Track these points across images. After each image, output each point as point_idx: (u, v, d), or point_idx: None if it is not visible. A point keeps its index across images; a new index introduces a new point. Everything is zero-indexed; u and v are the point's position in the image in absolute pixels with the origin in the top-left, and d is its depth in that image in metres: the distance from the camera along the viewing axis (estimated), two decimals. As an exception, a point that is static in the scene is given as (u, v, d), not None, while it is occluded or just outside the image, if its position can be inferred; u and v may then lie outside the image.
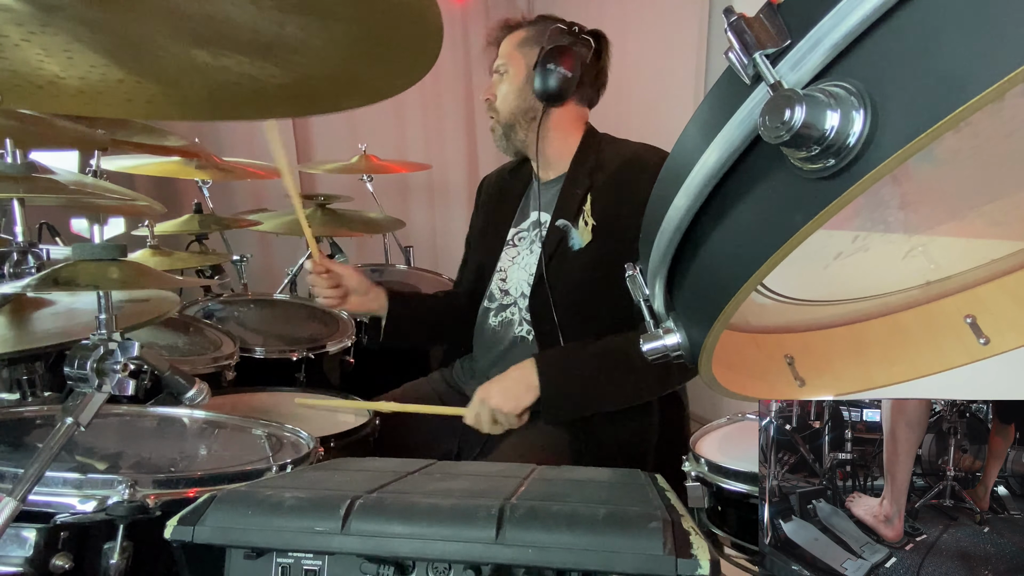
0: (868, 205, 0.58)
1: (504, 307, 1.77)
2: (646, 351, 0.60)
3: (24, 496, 0.80)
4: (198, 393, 1.08)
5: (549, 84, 1.61)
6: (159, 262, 2.02)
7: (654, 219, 0.53)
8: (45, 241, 2.18)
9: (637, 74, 3.32)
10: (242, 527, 0.71)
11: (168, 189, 3.03)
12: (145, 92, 0.70)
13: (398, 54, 0.73)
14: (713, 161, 0.45)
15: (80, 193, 1.31)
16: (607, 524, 0.66)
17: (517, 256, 1.76)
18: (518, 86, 1.68)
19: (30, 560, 0.87)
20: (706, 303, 0.51)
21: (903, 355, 0.75)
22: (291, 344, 2.01)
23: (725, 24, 0.41)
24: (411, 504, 0.71)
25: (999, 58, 0.31)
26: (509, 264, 1.77)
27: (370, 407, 1.67)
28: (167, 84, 0.72)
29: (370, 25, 0.69)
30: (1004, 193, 0.61)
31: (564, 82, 1.61)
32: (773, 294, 0.68)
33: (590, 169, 1.66)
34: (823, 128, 0.37)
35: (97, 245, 1.01)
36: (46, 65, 0.67)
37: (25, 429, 1.21)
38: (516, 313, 1.74)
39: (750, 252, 0.44)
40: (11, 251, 1.27)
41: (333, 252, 2.66)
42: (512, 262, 1.77)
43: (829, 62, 0.38)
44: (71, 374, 0.89)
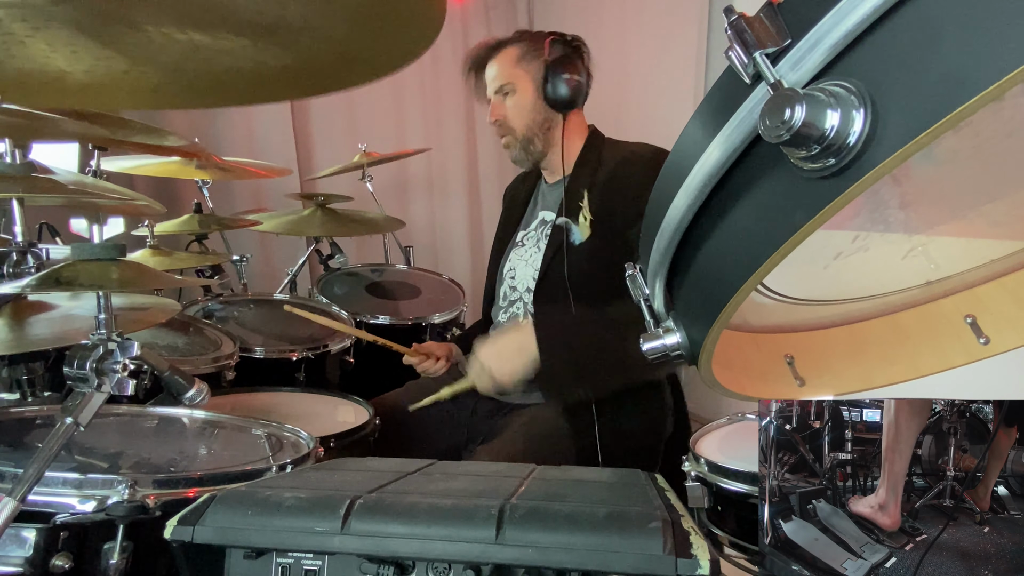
0: (868, 205, 0.58)
1: (512, 303, 1.82)
2: (646, 351, 0.60)
3: (24, 496, 0.80)
4: (198, 393, 1.09)
5: (563, 92, 1.68)
6: (159, 262, 2.02)
7: (654, 219, 0.53)
8: (45, 241, 2.18)
9: (637, 74, 3.32)
10: (242, 527, 0.71)
11: (168, 189, 3.03)
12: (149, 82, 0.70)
13: (399, 29, 0.73)
14: (713, 161, 0.45)
15: (80, 193, 1.31)
16: (607, 524, 0.66)
17: (525, 254, 1.82)
18: (530, 100, 1.73)
19: (30, 560, 0.87)
20: (706, 302, 0.51)
21: (903, 355, 0.75)
22: (291, 344, 2.01)
23: (725, 23, 0.41)
24: (411, 504, 0.71)
25: (999, 57, 0.31)
26: (518, 262, 1.82)
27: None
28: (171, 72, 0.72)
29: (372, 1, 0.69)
30: (1004, 193, 0.61)
31: (576, 88, 1.69)
32: (773, 294, 0.68)
33: (592, 169, 1.70)
34: (823, 127, 0.37)
35: (97, 245, 1.01)
36: (52, 60, 0.67)
37: (25, 429, 1.21)
38: (521, 308, 1.79)
39: (750, 252, 0.44)
40: (11, 251, 1.27)
41: (333, 252, 2.66)
42: (520, 260, 1.82)
43: (829, 61, 0.38)
44: (71, 374, 0.89)
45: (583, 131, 1.79)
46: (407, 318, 2.38)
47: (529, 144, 1.76)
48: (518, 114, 1.75)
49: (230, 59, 0.71)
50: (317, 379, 1.99)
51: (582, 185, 1.69)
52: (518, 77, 1.73)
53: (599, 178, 1.68)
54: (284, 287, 2.68)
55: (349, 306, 2.30)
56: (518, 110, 1.74)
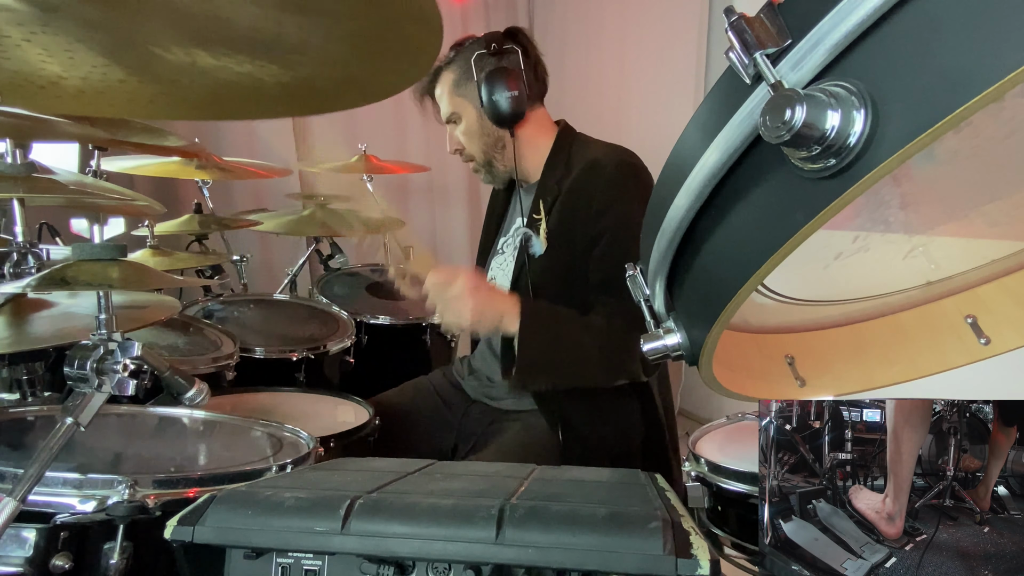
0: (868, 205, 0.58)
1: None
2: (646, 351, 0.60)
3: (24, 496, 0.80)
4: (198, 393, 1.08)
5: (503, 111, 1.58)
6: (159, 262, 2.02)
7: (654, 219, 0.53)
8: (45, 241, 2.18)
9: (637, 74, 3.32)
10: (242, 527, 0.71)
11: (168, 189, 3.03)
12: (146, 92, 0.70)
13: (398, 53, 0.73)
14: (714, 161, 0.45)
15: (80, 193, 1.31)
16: (607, 524, 0.66)
17: (503, 263, 1.80)
18: (476, 126, 1.68)
19: (30, 560, 0.87)
20: (707, 303, 0.51)
21: (903, 355, 0.75)
22: (291, 344, 2.01)
23: (725, 24, 0.41)
24: (411, 504, 0.71)
25: (1000, 57, 0.31)
26: (497, 271, 1.80)
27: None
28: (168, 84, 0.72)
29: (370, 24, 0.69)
30: (1004, 193, 0.61)
31: (515, 102, 1.58)
32: (773, 294, 0.68)
33: (559, 176, 1.65)
34: (824, 128, 0.37)
35: (97, 245, 1.01)
36: (48, 65, 0.67)
37: (25, 429, 1.21)
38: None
39: (751, 252, 0.44)
40: (11, 251, 1.27)
41: (333, 252, 2.66)
42: (499, 269, 1.79)
43: (830, 62, 0.38)
44: (71, 374, 0.89)
45: (550, 130, 1.72)
46: (407, 318, 2.38)
47: (491, 167, 1.72)
48: (470, 141, 1.70)
49: (227, 74, 0.71)
50: (317, 379, 1.99)
51: (551, 193, 1.64)
52: (459, 105, 1.68)
53: (564, 186, 1.62)
54: (284, 287, 2.68)
55: (349, 306, 2.29)
56: (468, 137, 1.70)
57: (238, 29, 0.67)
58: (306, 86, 0.75)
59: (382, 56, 0.73)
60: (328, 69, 0.74)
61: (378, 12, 0.68)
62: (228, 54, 0.69)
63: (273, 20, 0.67)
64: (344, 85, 0.78)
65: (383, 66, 0.75)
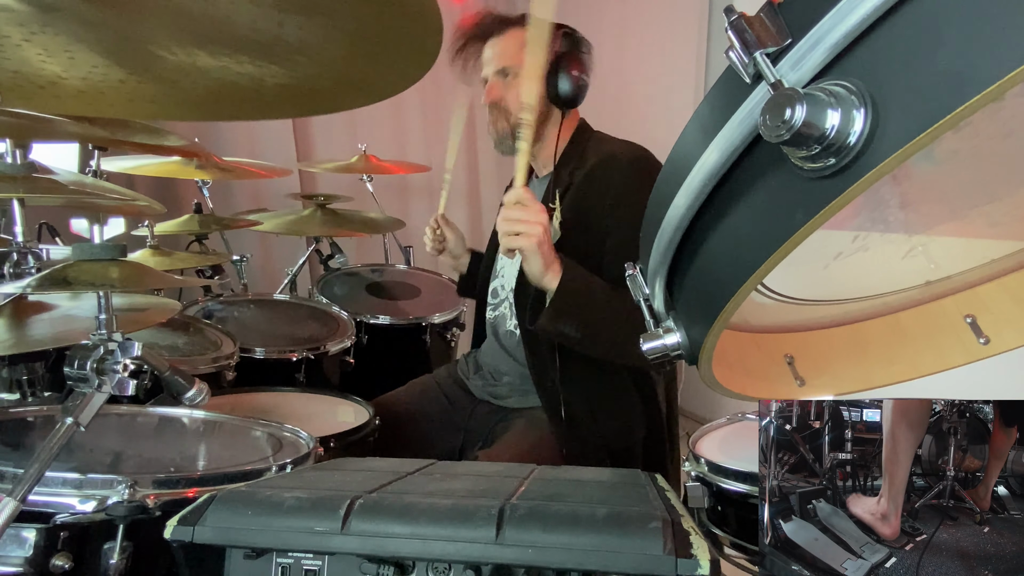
0: (868, 204, 0.58)
1: (500, 303, 1.80)
2: (646, 351, 0.60)
3: (24, 496, 0.80)
4: (198, 393, 1.08)
5: (567, 89, 1.59)
6: (159, 262, 2.02)
7: (654, 219, 0.53)
8: (45, 241, 2.18)
9: (637, 74, 3.32)
10: (242, 527, 0.71)
11: (168, 189, 3.03)
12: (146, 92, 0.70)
13: (398, 53, 0.73)
14: (713, 160, 0.45)
15: (80, 193, 1.31)
16: (607, 524, 0.66)
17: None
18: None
19: (30, 560, 0.87)
20: (706, 302, 0.51)
21: (903, 355, 0.75)
22: (291, 344, 2.01)
23: (725, 23, 0.41)
24: (411, 504, 0.71)
25: (999, 57, 0.31)
26: (506, 261, 1.80)
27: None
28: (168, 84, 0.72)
29: (370, 24, 0.69)
30: (1004, 193, 0.61)
31: (581, 88, 1.61)
32: (773, 294, 0.68)
33: (573, 167, 1.65)
34: (824, 127, 0.37)
35: (97, 245, 1.01)
36: (48, 65, 0.67)
37: (25, 429, 1.21)
38: (507, 308, 1.77)
39: (750, 251, 0.44)
40: (11, 251, 1.27)
41: (333, 252, 2.66)
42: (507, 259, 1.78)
43: (830, 61, 0.38)
44: (71, 374, 0.89)
45: (573, 125, 1.73)
46: (407, 318, 2.38)
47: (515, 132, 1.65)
48: (517, 101, 1.65)
49: (228, 75, 0.71)
50: (317, 379, 1.99)
51: (561, 183, 1.64)
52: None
53: (577, 178, 1.62)
54: (284, 287, 2.68)
55: (349, 306, 2.30)
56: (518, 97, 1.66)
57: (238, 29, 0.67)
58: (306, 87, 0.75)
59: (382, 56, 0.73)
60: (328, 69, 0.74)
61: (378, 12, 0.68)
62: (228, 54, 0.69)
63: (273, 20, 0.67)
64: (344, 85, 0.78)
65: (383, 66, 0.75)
